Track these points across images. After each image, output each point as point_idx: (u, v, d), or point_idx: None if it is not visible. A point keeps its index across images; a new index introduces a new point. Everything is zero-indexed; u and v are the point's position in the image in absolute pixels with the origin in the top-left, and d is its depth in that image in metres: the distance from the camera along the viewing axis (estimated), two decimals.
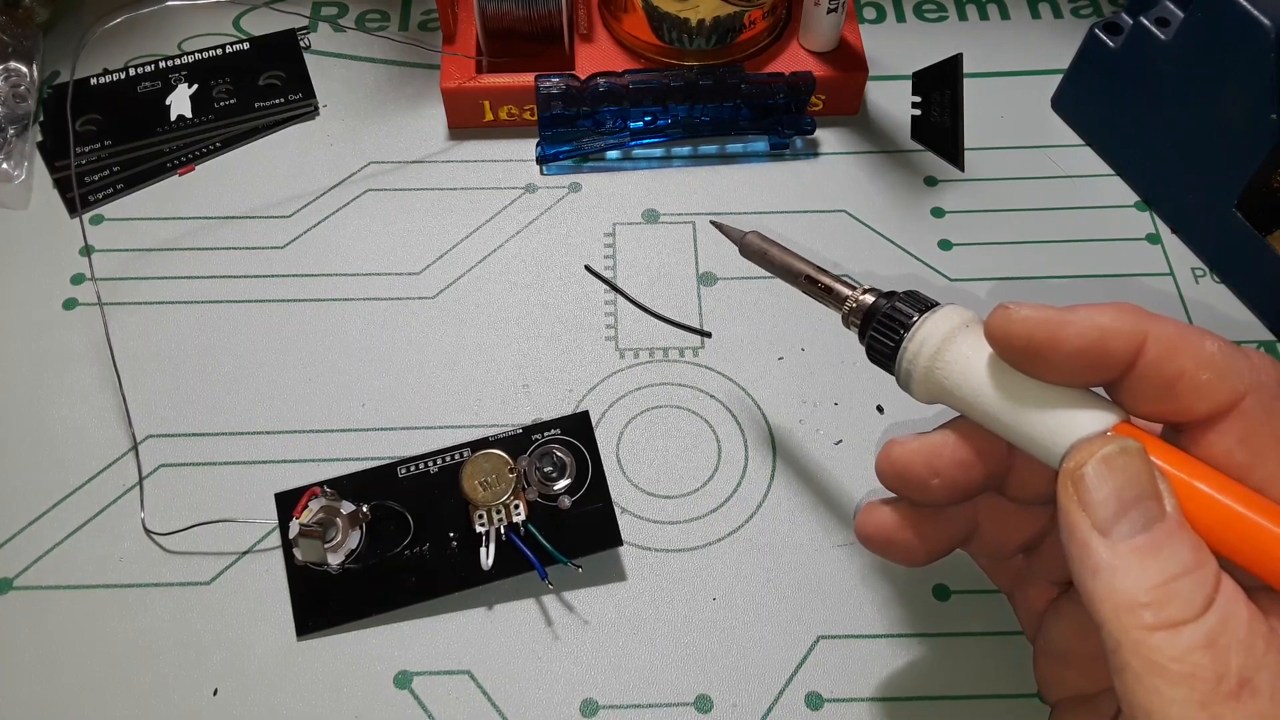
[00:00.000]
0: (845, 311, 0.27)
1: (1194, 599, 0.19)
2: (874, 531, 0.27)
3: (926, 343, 0.24)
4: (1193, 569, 0.20)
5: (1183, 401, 0.21)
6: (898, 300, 0.26)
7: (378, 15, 0.51)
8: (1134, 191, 0.45)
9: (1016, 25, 0.51)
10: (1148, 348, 0.21)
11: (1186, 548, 0.20)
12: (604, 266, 0.42)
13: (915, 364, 0.25)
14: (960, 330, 0.24)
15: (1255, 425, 0.21)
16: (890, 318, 0.26)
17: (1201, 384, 0.21)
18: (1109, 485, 0.20)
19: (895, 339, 0.25)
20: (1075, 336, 0.22)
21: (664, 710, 0.33)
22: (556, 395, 0.39)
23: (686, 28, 0.44)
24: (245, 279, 0.42)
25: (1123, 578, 0.20)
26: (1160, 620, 0.19)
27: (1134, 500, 0.20)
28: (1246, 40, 0.36)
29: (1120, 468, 0.21)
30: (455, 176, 0.45)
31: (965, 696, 0.33)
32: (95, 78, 0.47)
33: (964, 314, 0.25)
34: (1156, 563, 0.20)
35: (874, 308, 0.26)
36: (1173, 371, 0.21)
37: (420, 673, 0.33)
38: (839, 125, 0.46)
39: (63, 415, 0.38)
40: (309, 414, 0.38)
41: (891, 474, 0.26)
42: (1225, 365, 0.21)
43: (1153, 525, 0.20)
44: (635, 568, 0.35)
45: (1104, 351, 0.22)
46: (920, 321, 0.25)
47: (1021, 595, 0.28)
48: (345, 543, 0.34)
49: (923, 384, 0.25)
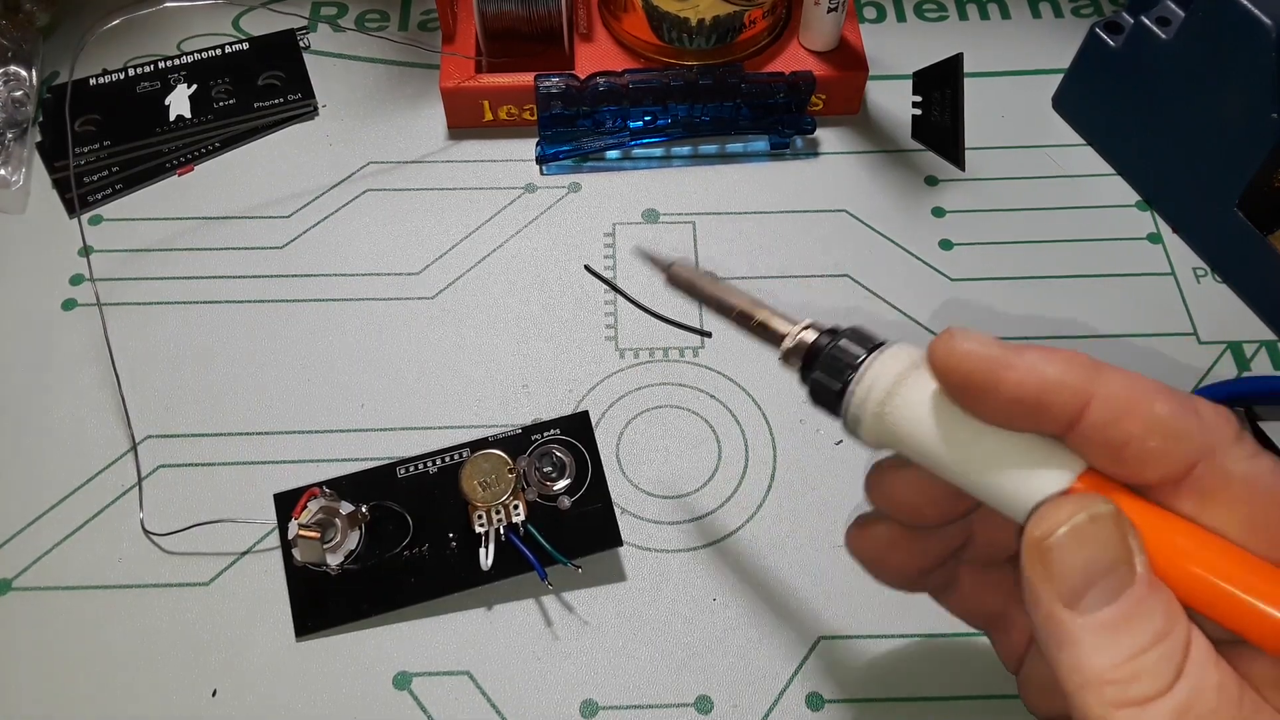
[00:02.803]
0: (784, 351, 0.25)
1: (1163, 672, 0.18)
2: (868, 550, 0.26)
3: (875, 386, 0.22)
4: (1163, 637, 0.19)
5: (1130, 468, 0.20)
6: (842, 338, 0.24)
7: (377, 15, 0.51)
8: (1135, 191, 0.45)
9: (1017, 25, 0.51)
10: (1092, 409, 0.20)
11: (1158, 614, 0.19)
12: (604, 266, 0.42)
13: (864, 409, 0.23)
14: (910, 372, 0.22)
15: (1211, 491, 0.20)
16: (835, 359, 0.23)
17: (1149, 450, 0.20)
18: (1079, 558, 0.19)
19: (841, 381, 0.23)
20: (1014, 385, 0.20)
21: (664, 711, 0.33)
22: (556, 395, 0.39)
23: (686, 27, 0.44)
24: (244, 279, 0.42)
25: (1089, 654, 0.19)
26: (1127, 699, 0.18)
27: (1104, 570, 0.19)
28: (1247, 40, 0.36)
29: (1091, 537, 0.19)
30: (455, 176, 0.45)
31: (965, 696, 0.33)
32: (94, 78, 0.47)
33: (913, 353, 0.23)
34: (1126, 636, 0.19)
35: (816, 347, 0.24)
36: (1119, 437, 0.20)
37: (420, 673, 0.33)
38: (839, 125, 0.46)
39: (62, 416, 0.38)
40: (308, 414, 0.38)
41: (885, 505, 0.25)
42: (1175, 429, 0.20)
43: (1121, 593, 0.19)
44: (635, 568, 0.35)
45: (1043, 405, 0.20)
46: (868, 362, 0.23)
47: (1001, 635, 0.27)
48: (344, 543, 0.34)
49: (872, 430, 0.23)
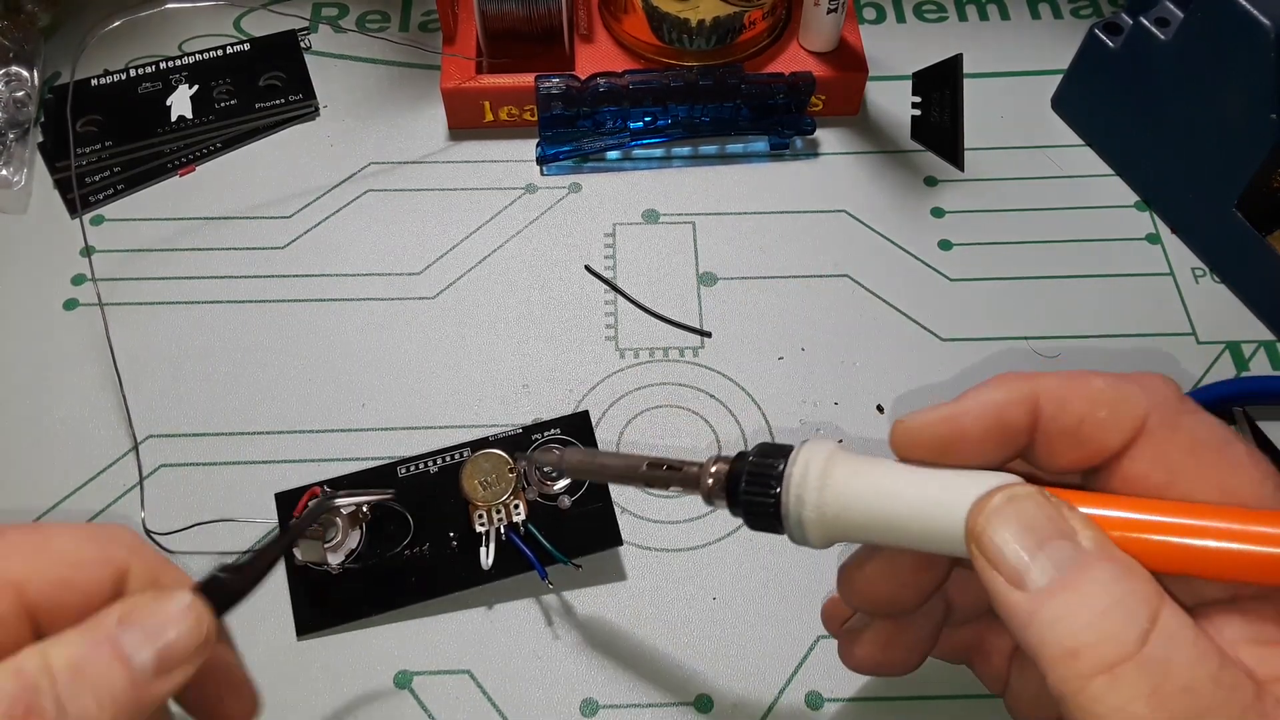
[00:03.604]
0: (706, 489, 0.25)
1: (1127, 634, 0.18)
2: (865, 663, 0.26)
3: (806, 484, 0.23)
4: (1122, 598, 0.19)
5: (1093, 444, 0.21)
6: (753, 456, 0.24)
7: (378, 16, 0.51)
8: (1134, 191, 0.45)
9: (1016, 25, 0.51)
10: (1042, 406, 0.22)
11: (1108, 576, 0.19)
12: (604, 266, 0.42)
13: (803, 506, 0.23)
14: (831, 458, 0.23)
15: (1163, 443, 0.21)
16: (756, 474, 0.24)
17: (1102, 421, 0.21)
18: (1005, 535, 0.20)
19: (773, 492, 0.23)
20: (975, 422, 0.22)
21: (664, 710, 0.33)
22: (556, 395, 0.39)
23: (686, 28, 0.44)
24: (246, 279, 0.42)
25: (1048, 628, 0.19)
26: (1095, 664, 0.18)
27: (1038, 544, 0.19)
28: (1246, 40, 0.36)
29: (1011, 515, 0.20)
30: (455, 177, 0.45)
31: (965, 696, 0.33)
32: (96, 78, 0.47)
33: (825, 443, 0.24)
34: (1078, 600, 0.19)
35: (734, 473, 0.24)
36: (1071, 420, 0.21)
37: (420, 673, 0.33)
38: (839, 125, 0.46)
39: (63, 416, 0.38)
40: (309, 414, 0.38)
41: (863, 604, 0.25)
42: (1117, 396, 0.21)
43: (1067, 565, 0.19)
44: (635, 568, 0.35)
45: (1005, 424, 0.22)
46: (788, 465, 0.23)
47: (981, 661, 0.27)
48: (345, 543, 0.34)
49: (817, 526, 0.23)
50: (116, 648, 0.20)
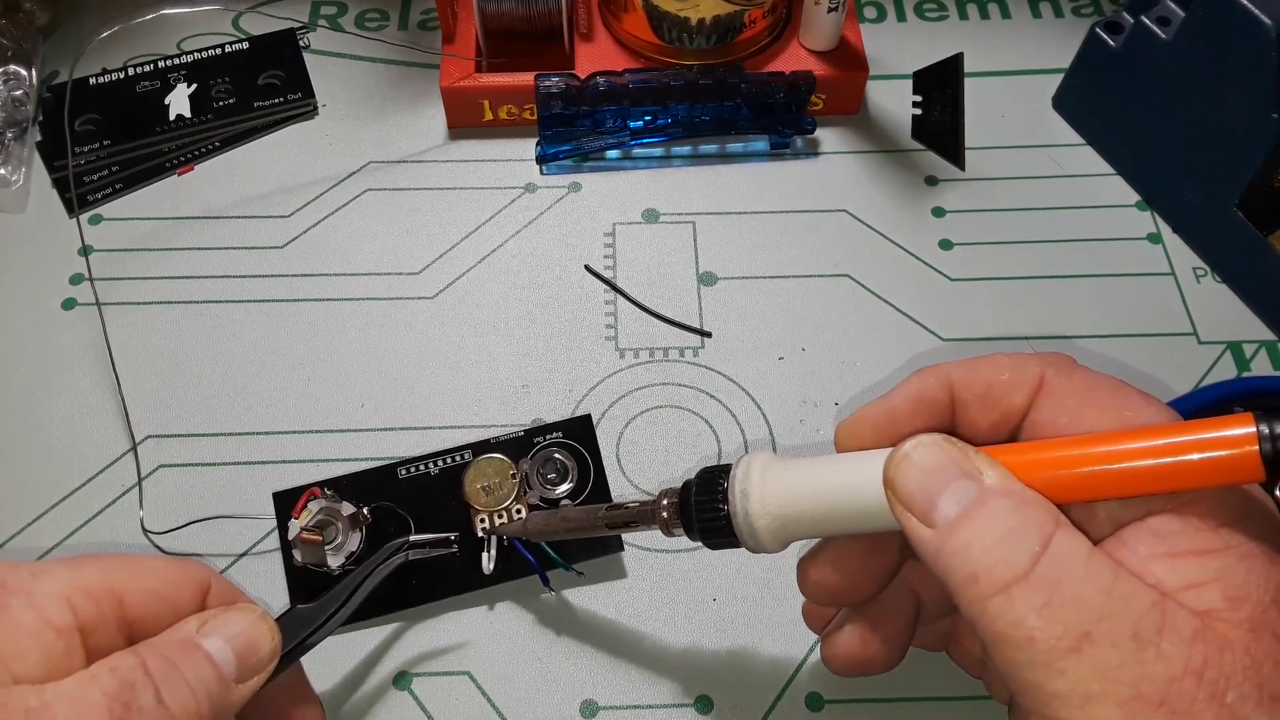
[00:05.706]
0: (662, 521, 0.27)
1: (1018, 557, 0.20)
2: (844, 660, 0.27)
3: (749, 489, 0.25)
4: (1016, 526, 0.20)
5: (1003, 403, 0.24)
6: (697, 479, 0.26)
7: (377, 15, 0.51)
8: (1135, 191, 0.45)
9: (1017, 24, 0.51)
10: (955, 380, 0.25)
11: (1005, 507, 0.21)
12: (604, 266, 0.42)
13: (750, 513, 0.25)
14: (768, 462, 0.25)
15: (1061, 392, 0.23)
16: (703, 494, 0.26)
17: (1006, 381, 0.24)
18: (912, 475, 0.22)
19: (721, 507, 0.25)
20: (902, 402, 0.25)
21: (664, 711, 0.33)
22: (556, 395, 0.39)
23: (687, 27, 0.44)
24: (244, 279, 0.42)
25: (953, 555, 0.21)
26: (992, 585, 0.20)
27: (943, 484, 0.21)
28: (1247, 39, 0.36)
29: (916, 460, 0.22)
30: (455, 176, 0.45)
31: (964, 697, 0.33)
32: (94, 77, 0.47)
33: (761, 452, 0.26)
34: (976, 530, 0.21)
35: (684, 498, 0.26)
36: (980, 386, 0.24)
37: (420, 673, 0.33)
38: (839, 125, 0.46)
39: (61, 416, 0.38)
40: (308, 414, 0.38)
41: (822, 595, 0.27)
42: (1017, 361, 0.24)
43: (967, 501, 0.21)
44: (635, 568, 0.35)
45: (927, 400, 0.25)
46: (731, 477, 0.25)
47: (956, 649, 0.28)
48: (345, 544, 0.34)
49: (765, 527, 0.25)
50: (203, 649, 0.23)
